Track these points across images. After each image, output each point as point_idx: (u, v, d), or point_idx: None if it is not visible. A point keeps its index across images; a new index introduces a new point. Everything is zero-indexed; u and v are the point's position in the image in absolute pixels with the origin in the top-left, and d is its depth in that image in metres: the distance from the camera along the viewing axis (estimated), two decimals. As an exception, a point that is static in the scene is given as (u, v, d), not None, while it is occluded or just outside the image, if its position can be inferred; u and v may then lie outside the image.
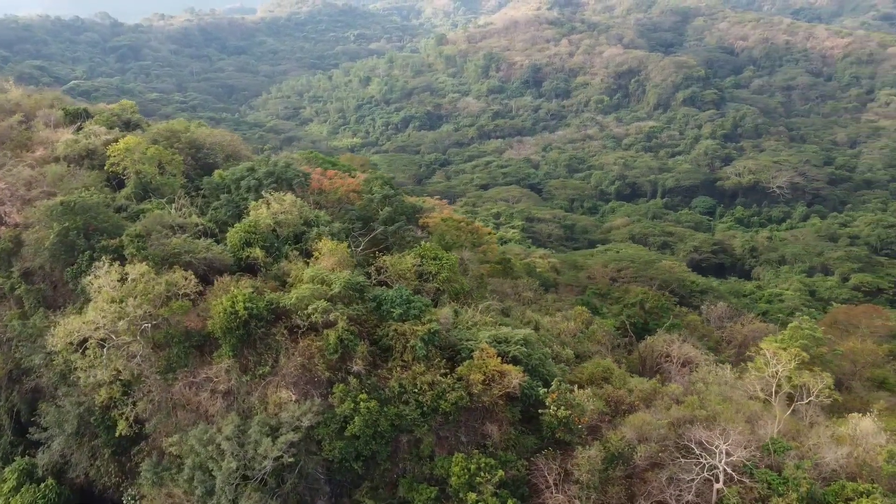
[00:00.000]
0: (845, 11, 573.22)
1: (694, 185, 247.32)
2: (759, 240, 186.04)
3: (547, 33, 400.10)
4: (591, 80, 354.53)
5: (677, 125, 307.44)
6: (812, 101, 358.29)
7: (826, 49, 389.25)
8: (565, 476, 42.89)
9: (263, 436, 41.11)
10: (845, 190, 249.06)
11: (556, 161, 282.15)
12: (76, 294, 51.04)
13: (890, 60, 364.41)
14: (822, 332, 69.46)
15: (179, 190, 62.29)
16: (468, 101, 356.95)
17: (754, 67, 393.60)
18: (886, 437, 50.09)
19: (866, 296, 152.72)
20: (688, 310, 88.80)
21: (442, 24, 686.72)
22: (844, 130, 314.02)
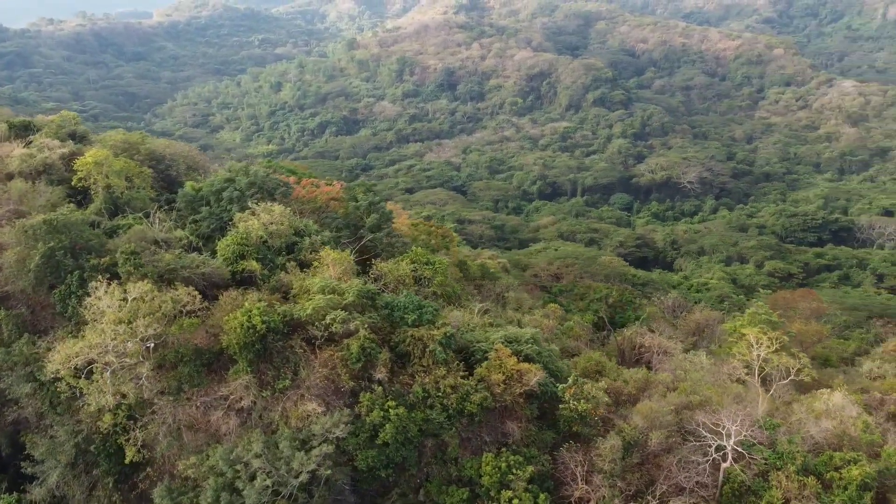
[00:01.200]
0: (731, 15, 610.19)
1: (611, 182, 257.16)
2: (678, 233, 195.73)
3: (458, 37, 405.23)
4: (505, 82, 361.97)
5: (589, 125, 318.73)
6: (709, 99, 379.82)
7: (719, 51, 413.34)
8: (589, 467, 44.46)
9: (295, 450, 40.46)
10: (747, 183, 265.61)
11: (478, 163, 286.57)
12: (65, 317, 48.32)
13: (776, 61, 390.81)
14: (776, 316, 74.51)
15: (154, 204, 59.91)
16: (384, 106, 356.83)
17: (655, 69, 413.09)
18: (857, 409, 54.53)
19: (781, 280, 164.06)
20: (646, 301, 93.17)
21: (348, 28, 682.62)
22: (741, 127, 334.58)
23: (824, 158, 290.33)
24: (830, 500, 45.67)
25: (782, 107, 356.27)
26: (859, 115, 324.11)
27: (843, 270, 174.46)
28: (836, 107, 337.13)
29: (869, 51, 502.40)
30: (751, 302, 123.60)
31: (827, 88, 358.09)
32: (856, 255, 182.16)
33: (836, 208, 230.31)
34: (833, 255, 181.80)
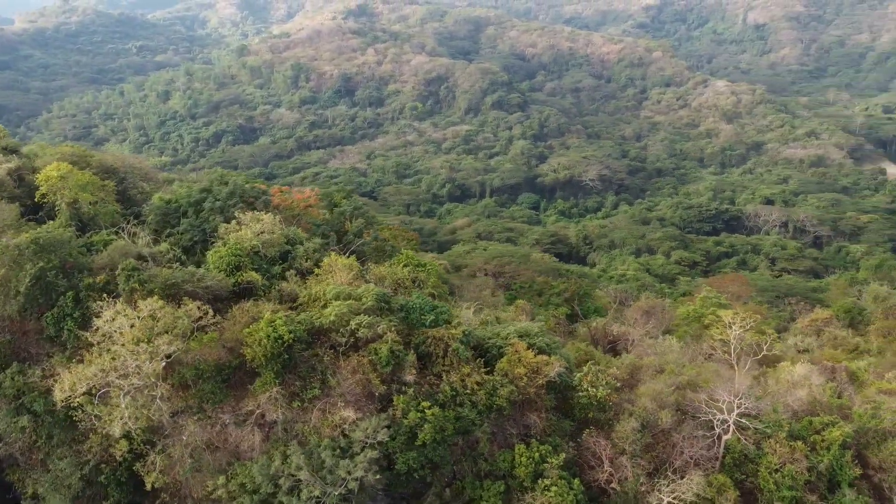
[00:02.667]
0: (608, 21, 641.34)
1: (517, 182, 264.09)
2: (590, 228, 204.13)
3: (352, 43, 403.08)
4: (403, 87, 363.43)
5: (490, 128, 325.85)
6: (598, 101, 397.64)
7: (603, 54, 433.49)
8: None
9: (338, 458, 39.87)
10: (642, 178, 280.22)
11: (384, 168, 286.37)
12: (57, 342, 45.07)
13: (656, 63, 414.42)
14: (725, 299, 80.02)
15: (123, 219, 56.62)
16: (282, 113, 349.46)
17: (545, 72, 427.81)
18: (821, 379, 59.78)
19: (688, 268, 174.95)
20: (602, 293, 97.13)
21: (231, 34, 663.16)
22: (629, 126, 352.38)
23: (707, 153, 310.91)
24: (819, 460, 50.00)
25: (664, 106, 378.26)
26: (733, 112, 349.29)
27: (741, 256, 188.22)
28: (713, 105, 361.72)
29: (733, 53, 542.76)
30: (675, 288, 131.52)
31: (703, 88, 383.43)
32: (749, 241, 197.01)
33: (724, 199, 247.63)
34: (730, 242, 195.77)
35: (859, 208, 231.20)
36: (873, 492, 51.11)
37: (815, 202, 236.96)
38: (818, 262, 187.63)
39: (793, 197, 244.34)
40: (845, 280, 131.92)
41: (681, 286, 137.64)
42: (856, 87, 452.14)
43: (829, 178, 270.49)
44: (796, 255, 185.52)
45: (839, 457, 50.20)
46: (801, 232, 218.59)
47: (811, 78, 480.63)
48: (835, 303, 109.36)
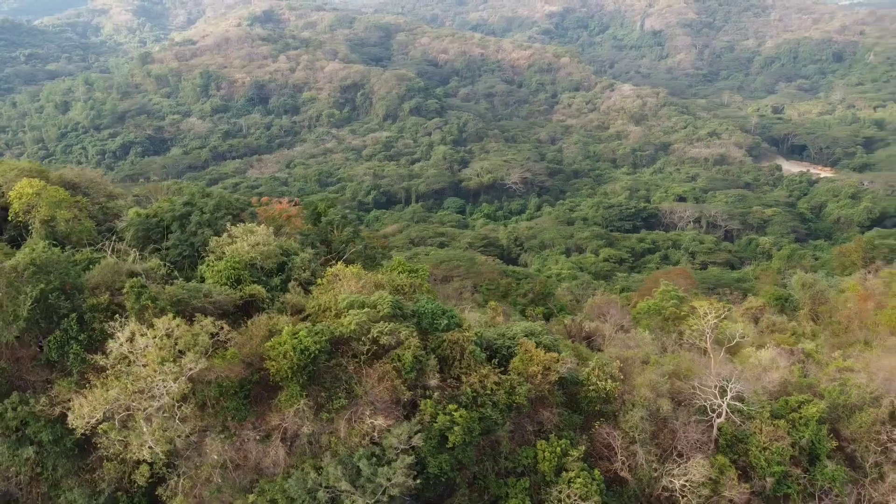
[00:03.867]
0: (514, 27, 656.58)
1: (442, 187, 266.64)
2: (520, 230, 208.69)
3: (262, 50, 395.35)
4: (319, 94, 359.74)
5: (409, 134, 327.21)
6: (511, 105, 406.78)
7: (514, 60, 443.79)
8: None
9: (375, 466, 39.86)
10: (561, 180, 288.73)
11: (306, 176, 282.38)
12: (58, 367, 42.70)
13: (564, 69, 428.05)
14: (680, 293, 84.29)
15: (105, 235, 54.05)
16: (193, 122, 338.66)
17: (458, 78, 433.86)
18: (786, 361, 64.25)
19: (617, 264, 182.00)
20: (563, 293, 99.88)
21: (128, 41, 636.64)
22: (543, 130, 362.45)
23: (619, 155, 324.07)
24: (800, 436, 53.83)
25: (575, 110, 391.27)
26: (640, 115, 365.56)
27: (663, 252, 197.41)
28: (620, 108, 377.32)
29: (634, 58, 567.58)
30: (613, 284, 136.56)
31: (610, 92, 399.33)
32: (670, 237, 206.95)
33: (640, 198, 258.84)
34: (652, 238, 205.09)
35: (763, 203, 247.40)
36: (847, 461, 55.49)
37: (723, 198, 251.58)
38: (732, 254, 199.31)
39: (703, 194, 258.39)
40: (771, 270, 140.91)
41: (618, 282, 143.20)
42: (746, 89, 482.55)
43: (732, 175, 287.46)
44: (713, 249, 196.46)
45: (817, 432, 54.21)
46: (714, 226, 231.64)
47: (706, 81, 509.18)
48: (764, 291, 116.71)
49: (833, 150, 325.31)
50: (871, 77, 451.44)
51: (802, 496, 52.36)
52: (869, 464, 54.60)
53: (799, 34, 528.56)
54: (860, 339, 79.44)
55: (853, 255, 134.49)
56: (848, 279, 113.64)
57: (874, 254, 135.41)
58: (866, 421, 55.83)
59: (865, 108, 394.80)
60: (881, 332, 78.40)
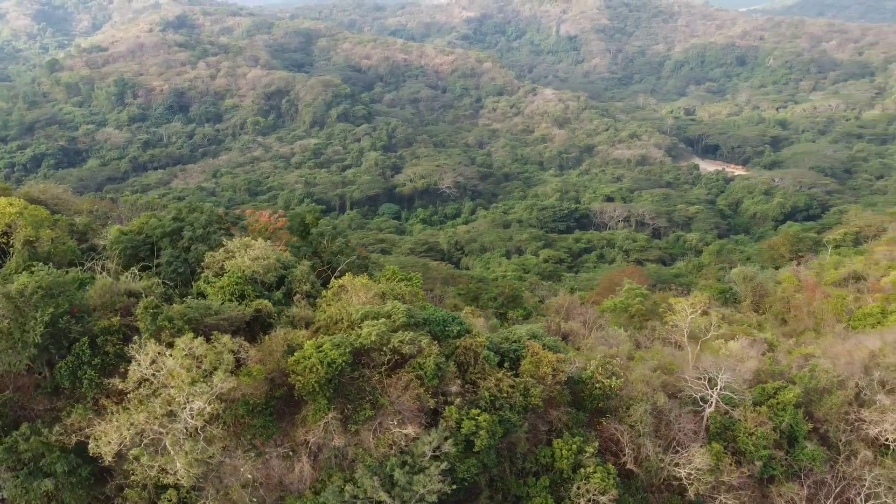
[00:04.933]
0: (433, 33, 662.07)
1: (377, 193, 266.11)
2: (460, 234, 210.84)
3: (180, 56, 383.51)
4: (242, 102, 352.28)
5: (338, 140, 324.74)
6: (437, 110, 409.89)
7: (437, 65, 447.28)
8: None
9: (410, 475, 40.13)
10: (492, 183, 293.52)
11: (234, 186, 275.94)
12: (67, 393, 40.82)
13: (487, 73, 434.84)
14: (645, 290, 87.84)
15: (90, 254, 51.79)
16: (109, 132, 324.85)
17: (383, 83, 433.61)
18: (754, 351, 68.14)
19: (557, 264, 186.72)
20: (531, 295, 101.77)
21: (28, 47, 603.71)
22: (470, 134, 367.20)
23: (546, 157, 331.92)
24: (781, 420, 57.38)
25: (500, 114, 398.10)
26: (563, 118, 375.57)
27: (598, 251, 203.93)
28: (544, 112, 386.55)
29: (551, 63, 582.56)
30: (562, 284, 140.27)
31: (533, 96, 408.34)
32: (604, 237, 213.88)
33: (570, 199, 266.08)
34: (587, 238, 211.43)
35: (686, 201, 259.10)
36: (821, 441, 59.49)
37: (648, 197, 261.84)
38: (663, 251, 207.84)
39: (629, 194, 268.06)
40: (712, 265, 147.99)
41: (566, 282, 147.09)
42: (659, 91, 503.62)
43: (654, 174, 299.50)
44: (646, 247, 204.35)
45: (795, 415, 57.96)
46: (642, 225, 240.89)
47: (621, 84, 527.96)
48: (707, 285, 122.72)
49: (744, 150, 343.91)
50: (771, 80, 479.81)
51: (786, 476, 55.89)
52: (842, 442, 58.78)
53: (704, 39, 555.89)
54: (809, 328, 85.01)
55: (781, 248, 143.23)
56: (782, 271, 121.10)
57: (799, 246, 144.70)
58: (836, 403, 60.03)
59: (769, 109, 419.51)
60: (827, 319, 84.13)
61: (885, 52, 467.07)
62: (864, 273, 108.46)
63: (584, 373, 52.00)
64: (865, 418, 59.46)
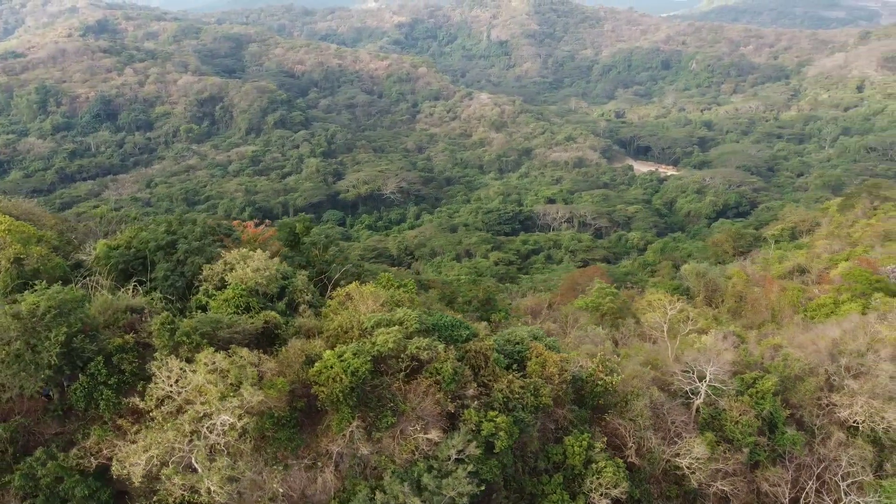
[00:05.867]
0: (364, 37, 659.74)
1: (320, 200, 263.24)
2: (409, 239, 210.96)
3: (105, 62, 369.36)
4: (173, 109, 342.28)
5: (276, 147, 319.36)
6: (374, 116, 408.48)
7: (372, 70, 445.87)
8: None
9: (438, 479, 40.54)
10: (435, 188, 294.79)
11: (170, 195, 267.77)
12: (87, 415, 39.35)
13: (423, 78, 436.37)
14: (614, 289, 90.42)
15: (80, 270, 49.86)
16: (32, 142, 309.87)
17: (317, 89, 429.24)
18: (729, 344, 71.37)
19: (507, 266, 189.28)
20: (504, 296, 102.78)
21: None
22: (409, 139, 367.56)
23: (485, 161, 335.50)
24: (762, 408, 60.47)
25: (437, 119, 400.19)
26: (500, 122, 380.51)
27: (546, 252, 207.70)
28: (481, 116, 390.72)
29: (483, 67, 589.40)
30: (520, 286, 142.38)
31: (469, 101, 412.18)
32: (550, 238, 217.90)
33: (512, 201, 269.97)
34: (534, 240, 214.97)
35: (624, 201, 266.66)
36: (797, 425, 62.94)
37: (588, 198, 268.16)
38: (608, 250, 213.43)
39: (570, 195, 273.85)
40: (666, 263, 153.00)
41: (522, 284, 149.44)
42: (589, 95, 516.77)
43: (591, 176, 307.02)
44: (591, 247, 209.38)
45: (774, 403, 61.18)
46: (584, 225, 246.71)
47: (552, 88, 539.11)
48: (659, 283, 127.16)
49: (674, 150, 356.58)
50: (695, 83, 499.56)
51: (770, 461, 58.93)
52: (816, 426, 62.35)
53: (630, 44, 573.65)
54: (768, 320, 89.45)
55: (725, 244, 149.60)
56: (730, 267, 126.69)
57: (741, 242, 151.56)
58: (809, 389, 63.65)
59: (694, 111, 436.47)
60: (785, 311, 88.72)
61: (798, 57, 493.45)
62: (808, 266, 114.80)
63: (585, 371, 53.53)
64: (836, 402, 63.36)
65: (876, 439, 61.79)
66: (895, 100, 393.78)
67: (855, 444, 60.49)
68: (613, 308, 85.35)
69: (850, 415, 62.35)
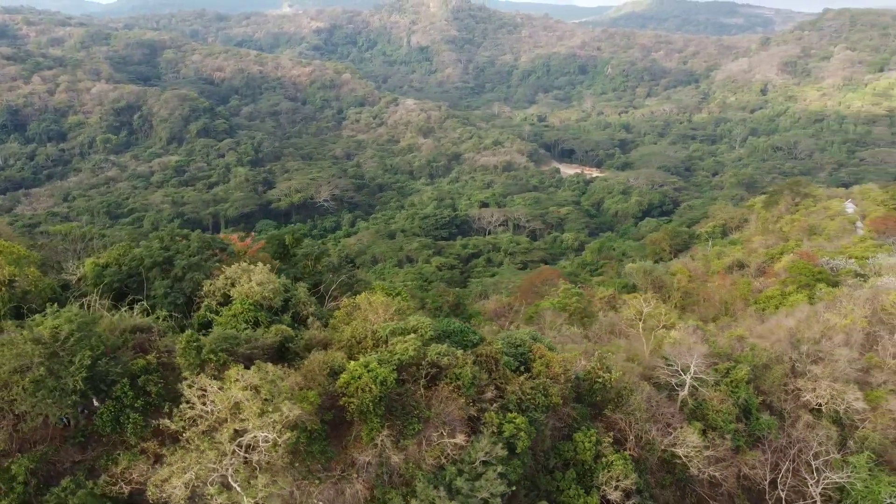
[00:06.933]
0: (281, 43, 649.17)
1: (252, 210, 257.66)
2: (349, 246, 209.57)
3: (10, 70, 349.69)
4: (88, 118, 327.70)
5: (200, 157, 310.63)
6: (299, 123, 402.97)
7: (294, 77, 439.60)
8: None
9: (470, 482, 41.27)
10: (367, 195, 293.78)
11: (91, 209, 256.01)
12: (111, 440, 37.89)
13: (347, 85, 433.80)
14: (578, 290, 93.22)
15: (67, 290, 47.73)
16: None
17: (239, 96, 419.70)
18: (697, 337, 74.99)
19: (450, 270, 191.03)
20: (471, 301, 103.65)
21: None
22: (336, 146, 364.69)
23: (415, 167, 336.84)
24: (738, 396, 64.09)
25: (364, 125, 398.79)
26: (427, 127, 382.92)
27: (486, 255, 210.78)
28: (407, 122, 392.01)
29: (405, 73, 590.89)
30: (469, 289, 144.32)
31: (395, 107, 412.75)
32: (489, 241, 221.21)
33: (447, 206, 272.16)
34: (473, 244, 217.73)
35: (555, 203, 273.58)
36: (768, 410, 67.03)
37: (521, 201, 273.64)
38: (545, 251, 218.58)
39: (502, 199, 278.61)
40: (614, 262, 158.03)
41: (473, 287, 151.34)
42: (511, 99, 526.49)
43: (521, 179, 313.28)
44: (529, 248, 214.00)
45: (747, 391, 64.95)
46: (519, 228, 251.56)
47: (474, 93, 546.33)
48: (607, 281, 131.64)
49: (596, 153, 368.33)
50: (611, 87, 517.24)
51: (748, 445, 62.54)
52: (785, 410, 66.58)
53: (548, 50, 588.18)
54: (721, 313, 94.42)
55: (662, 243, 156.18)
56: (673, 263, 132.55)
57: (677, 240, 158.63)
58: (776, 376, 67.92)
59: (612, 114, 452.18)
60: (737, 304, 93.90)
61: (705, 62, 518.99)
62: (746, 261, 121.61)
63: (583, 370, 55.42)
64: (801, 387, 67.88)
65: (838, 419, 66.51)
66: (795, 102, 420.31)
67: (821, 425, 64.89)
68: (580, 308, 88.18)
69: (814, 397, 66.92)
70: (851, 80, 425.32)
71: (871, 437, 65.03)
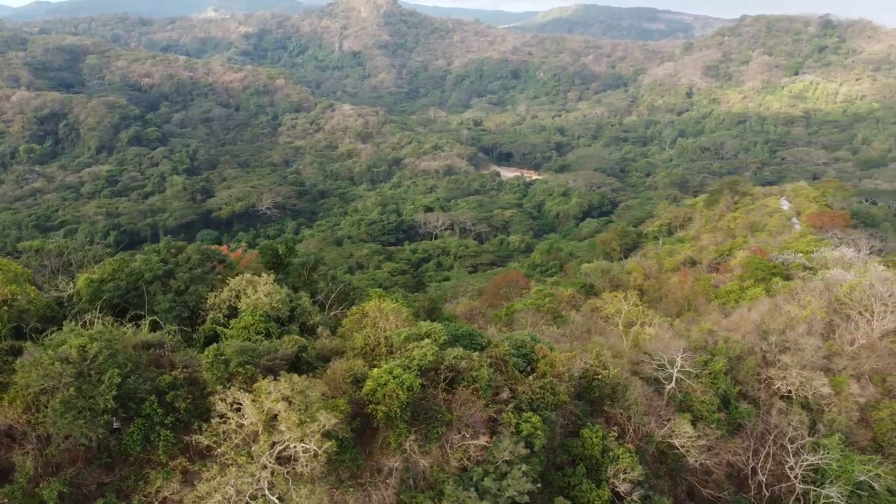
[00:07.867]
0: (209, 48, 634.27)
1: (192, 220, 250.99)
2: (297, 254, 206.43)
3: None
4: (9, 127, 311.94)
5: (133, 166, 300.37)
6: (233, 130, 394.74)
7: (227, 83, 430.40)
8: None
9: (498, 481, 42.08)
10: (309, 201, 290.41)
11: (18, 223, 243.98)
12: (139, 458, 36.82)
13: (281, 90, 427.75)
14: (550, 291, 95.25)
15: (62, 307, 45.98)
16: None
17: (169, 103, 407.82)
18: (671, 332, 78.07)
19: (402, 275, 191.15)
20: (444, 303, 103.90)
21: None
22: (274, 152, 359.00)
23: (356, 172, 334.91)
24: (717, 386, 67.16)
25: (301, 131, 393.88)
26: (365, 133, 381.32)
27: (436, 259, 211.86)
28: (345, 127, 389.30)
29: (338, 78, 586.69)
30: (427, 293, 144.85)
31: (331, 112, 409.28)
32: (437, 245, 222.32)
33: (391, 211, 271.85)
34: (423, 248, 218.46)
35: (499, 206, 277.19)
36: (744, 399, 70.45)
37: (465, 205, 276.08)
38: (493, 254, 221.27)
39: (446, 203, 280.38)
40: (572, 262, 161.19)
41: (431, 291, 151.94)
42: (446, 104, 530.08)
43: (462, 183, 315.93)
44: (478, 252, 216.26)
45: (726, 381, 68.14)
46: (465, 231, 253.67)
47: (409, 98, 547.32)
48: (565, 281, 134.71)
49: (534, 156, 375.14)
50: (543, 91, 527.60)
51: (730, 433, 65.62)
52: (760, 399, 70.14)
53: (480, 54, 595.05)
54: (685, 308, 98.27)
55: (612, 242, 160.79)
56: (628, 262, 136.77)
57: (626, 240, 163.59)
58: (750, 366, 71.49)
59: (546, 118, 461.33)
60: (699, 299, 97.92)
61: (633, 66, 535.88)
62: (697, 258, 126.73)
63: (582, 367, 57.06)
64: (773, 376, 71.65)
65: (806, 405, 70.51)
66: (718, 104, 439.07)
67: (792, 411, 68.65)
68: (553, 308, 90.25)
69: (784, 385, 70.77)
70: (769, 83, 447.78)
71: (838, 420, 69.23)
